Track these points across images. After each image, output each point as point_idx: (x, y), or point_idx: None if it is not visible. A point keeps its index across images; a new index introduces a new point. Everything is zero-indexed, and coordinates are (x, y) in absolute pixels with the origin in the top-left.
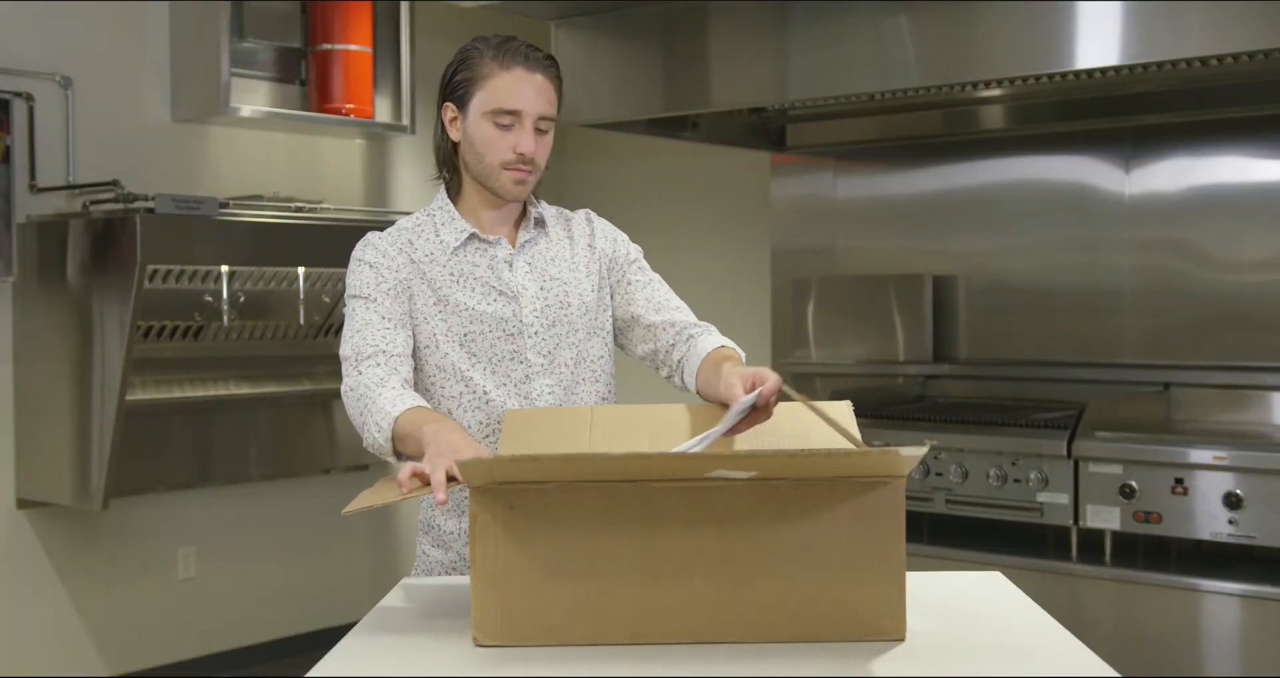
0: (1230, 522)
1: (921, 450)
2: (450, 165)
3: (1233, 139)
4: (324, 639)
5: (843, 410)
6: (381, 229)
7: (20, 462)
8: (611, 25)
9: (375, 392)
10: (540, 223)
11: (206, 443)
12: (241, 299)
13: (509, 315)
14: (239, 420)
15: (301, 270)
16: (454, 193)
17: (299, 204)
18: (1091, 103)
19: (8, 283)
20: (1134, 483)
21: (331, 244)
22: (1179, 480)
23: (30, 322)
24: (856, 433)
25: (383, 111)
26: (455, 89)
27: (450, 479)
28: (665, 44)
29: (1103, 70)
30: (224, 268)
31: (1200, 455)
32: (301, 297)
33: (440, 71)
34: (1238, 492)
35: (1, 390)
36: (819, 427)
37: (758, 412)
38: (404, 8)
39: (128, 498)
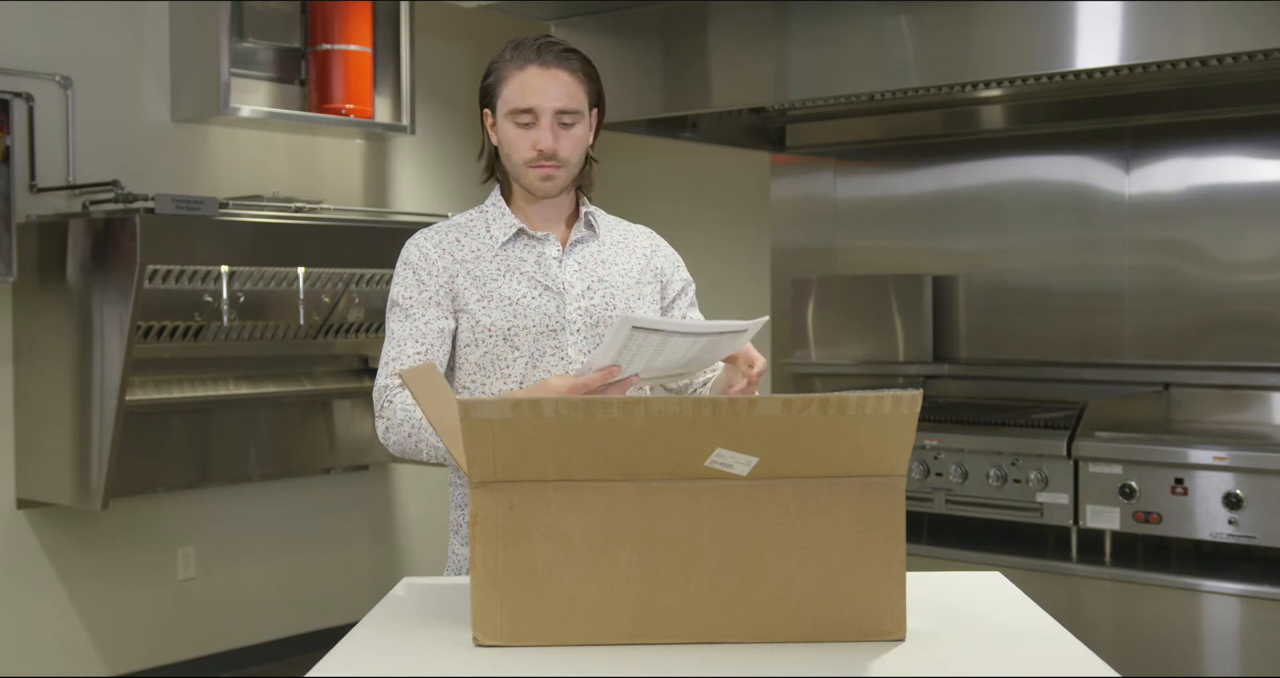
0: (1230, 522)
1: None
2: (499, 169)
3: (1233, 139)
4: (324, 639)
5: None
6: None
7: (20, 462)
8: (611, 25)
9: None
10: (592, 224)
11: (206, 443)
12: (241, 299)
13: (552, 311)
14: (239, 420)
15: (301, 270)
16: (505, 193)
17: (299, 204)
18: (1091, 103)
19: (8, 283)
20: (1134, 483)
21: (331, 244)
22: (1179, 481)
23: (30, 322)
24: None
25: (382, 112)
26: (486, 94)
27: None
28: (665, 44)
29: (1103, 70)
30: (224, 268)
31: (1200, 455)
32: (301, 297)
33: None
34: (1238, 492)
35: (1, 390)
36: None
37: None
38: (404, 8)
39: (128, 498)
